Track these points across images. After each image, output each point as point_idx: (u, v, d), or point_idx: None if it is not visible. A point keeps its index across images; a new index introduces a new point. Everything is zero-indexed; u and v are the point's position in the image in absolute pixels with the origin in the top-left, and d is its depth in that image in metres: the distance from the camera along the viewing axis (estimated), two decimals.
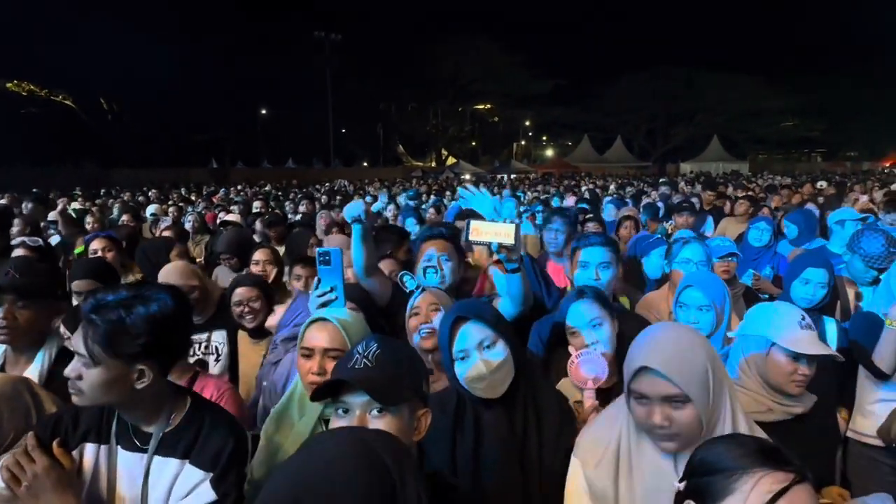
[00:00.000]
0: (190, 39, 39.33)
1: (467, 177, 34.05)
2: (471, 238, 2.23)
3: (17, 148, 25.84)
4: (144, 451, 1.47)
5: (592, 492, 1.51)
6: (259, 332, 2.95)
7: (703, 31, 48.44)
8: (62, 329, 2.50)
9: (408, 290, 2.61)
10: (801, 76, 45.26)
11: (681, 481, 1.21)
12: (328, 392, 1.30)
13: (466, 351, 1.68)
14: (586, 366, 1.93)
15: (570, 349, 2.03)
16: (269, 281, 3.52)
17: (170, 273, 2.99)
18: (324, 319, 1.77)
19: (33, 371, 2.13)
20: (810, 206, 7.24)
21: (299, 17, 44.76)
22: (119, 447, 1.47)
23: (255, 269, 3.91)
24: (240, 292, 2.90)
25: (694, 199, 8.64)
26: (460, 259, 2.80)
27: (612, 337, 2.06)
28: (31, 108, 37.22)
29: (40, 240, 4.34)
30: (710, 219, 6.89)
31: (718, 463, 1.13)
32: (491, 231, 2.20)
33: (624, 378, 1.49)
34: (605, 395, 1.95)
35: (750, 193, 10.47)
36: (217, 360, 2.97)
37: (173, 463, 1.45)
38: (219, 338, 3.00)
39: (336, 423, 1.27)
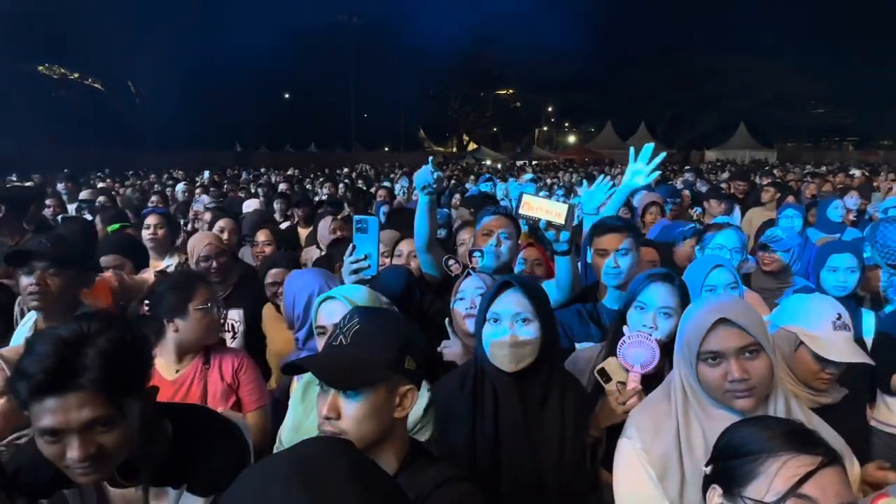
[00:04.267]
0: (215, 24, 39.41)
1: (488, 162, 33.85)
2: (521, 211, 2.20)
3: (48, 130, 26.34)
4: (135, 485, 1.32)
5: (655, 470, 1.48)
6: None
7: (730, 14, 46.84)
8: None
9: (453, 275, 2.59)
10: (832, 61, 43.74)
11: (707, 465, 1.19)
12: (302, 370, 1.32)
13: (500, 316, 1.68)
14: (637, 348, 1.87)
15: (624, 328, 1.96)
16: None
17: (201, 239, 3.10)
18: (332, 297, 1.83)
19: None
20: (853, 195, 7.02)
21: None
22: (106, 484, 1.31)
23: (255, 249, 3.98)
24: (274, 273, 2.92)
25: (721, 187, 8.45)
26: (518, 241, 2.75)
27: (673, 332, 1.91)
28: (61, 92, 37.86)
29: None
30: (737, 207, 6.73)
31: (744, 446, 1.11)
32: (543, 207, 2.16)
33: (687, 351, 1.47)
34: (647, 383, 1.92)
35: (777, 180, 10.21)
36: (234, 338, 3.03)
37: (171, 492, 1.33)
38: (235, 316, 3.07)
39: (319, 399, 1.26)
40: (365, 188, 9.38)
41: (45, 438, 1.13)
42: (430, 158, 2.67)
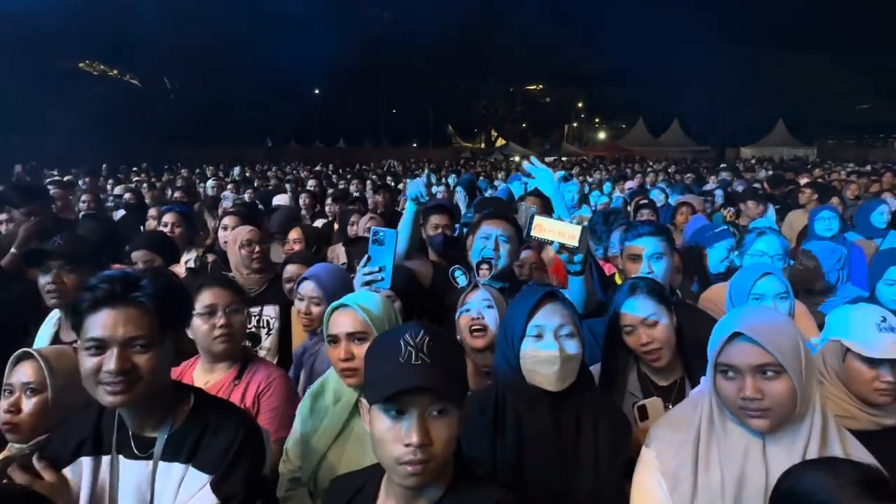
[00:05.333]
0: (247, 21, 39.95)
1: (517, 158, 33.60)
2: (533, 234, 2.15)
3: (86, 125, 27.13)
4: (148, 458, 1.40)
5: (667, 481, 1.42)
6: None
7: (768, 6, 45.33)
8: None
9: (459, 286, 2.56)
10: (876, 53, 42.00)
11: None
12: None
13: (543, 329, 1.58)
14: None
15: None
16: None
17: (242, 232, 3.17)
18: (344, 305, 1.78)
19: None
20: (887, 196, 6.73)
21: None
22: (121, 456, 1.41)
23: (285, 247, 3.99)
24: (291, 269, 2.93)
25: (756, 186, 8.19)
26: (519, 244, 2.68)
27: (670, 334, 1.92)
28: (100, 88, 38.95)
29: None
30: (771, 208, 6.49)
31: (813, 495, 1.01)
32: (555, 230, 2.12)
33: (709, 357, 1.40)
34: (667, 395, 1.86)
35: (819, 180, 9.84)
36: (269, 334, 3.03)
37: (177, 468, 1.39)
38: (271, 312, 3.07)
39: (384, 424, 1.15)
40: (393, 184, 9.39)
41: (90, 350, 1.30)
42: (427, 171, 2.65)
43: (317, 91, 49.34)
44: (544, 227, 2.14)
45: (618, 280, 2.75)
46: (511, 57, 48.89)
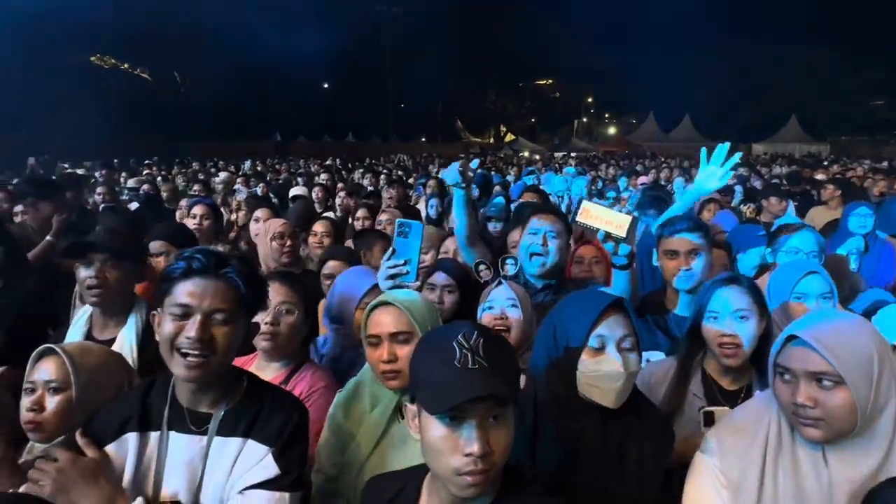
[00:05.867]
0: (256, 15, 39.93)
1: (526, 154, 33.46)
2: (579, 219, 2.06)
3: (97, 119, 27.27)
4: (202, 433, 1.42)
5: (729, 490, 1.34)
6: None
7: (780, 1, 44.77)
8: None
9: (483, 281, 2.48)
10: (889, 50, 41.39)
11: None
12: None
13: (606, 340, 1.42)
14: None
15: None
16: None
17: (275, 224, 3.19)
18: (385, 303, 1.68)
19: (128, 333, 2.16)
20: None
21: None
22: (172, 432, 1.43)
23: (312, 240, 3.92)
24: (332, 265, 2.85)
25: (776, 182, 8.05)
26: (568, 240, 2.58)
27: (755, 336, 1.80)
28: (110, 82, 39.13)
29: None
30: (791, 204, 6.36)
31: None
32: (603, 217, 2.02)
33: (769, 356, 1.32)
34: (732, 400, 1.77)
35: (838, 176, 9.68)
36: None
37: (234, 442, 1.41)
38: None
39: (439, 431, 1.09)
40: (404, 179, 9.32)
41: (174, 315, 1.36)
42: (460, 161, 2.57)
43: (325, 85, 49.33)
44: (591, 213, 2.04)
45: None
46: (520, 51, 48.63)
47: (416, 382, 1.17)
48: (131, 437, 1.43)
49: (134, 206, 5.77)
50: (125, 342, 2.15)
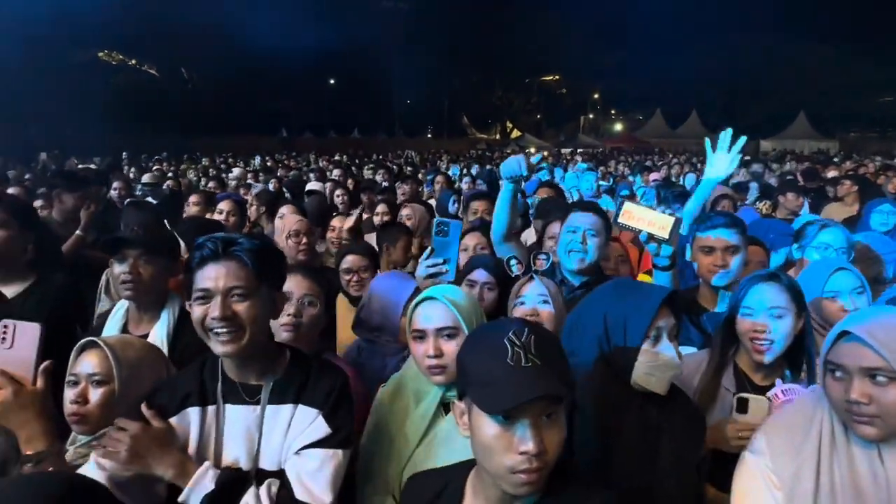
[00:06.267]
0: (263, 12, 39.93)
1: (532, 150, 33.37)
2: (621, 220, 2.05)
3: (105, 114, 27.35)
4: (254, 403, 1.50)
5: (782, 490, 1.32)
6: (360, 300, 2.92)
7: None
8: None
9: (513, 275, 2.47)
10: None
11: None
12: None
13: (661, 331, 1.46)
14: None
15: (777, 381, 1.79)
16: None
17: (293, 216, 3.19)
18: (431, 298, 1.68)
19: (161, 329, 2.17)
20: None
21: None
22: (227, 405, 1.51)
23: (331, 235, 3.92)
24: (350, 260, 2.84)
25: (792, 178, 8.00)
26: (607, 238, 2.55)
27: (789, 335, 1.80)
28: (118, 77, 39.23)
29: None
30: (805, 201, 6.31)
31: None
32: (646, 219, 2.01)
33: (821, 354, 1.31)
34: (763, 394, 1.76)
35: (850, 172, 9.60)
36: None
37: (286, 408, 1.50)
38: None
39: (492, 430, 1.09)
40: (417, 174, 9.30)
41: (199, 301, 1.45)
42: (526, 152, 2.57)
43: (332, 81, 49.29)
44: (633, 215, 2.03)
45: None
46: (526, 47, 48.46)
47: (467, 380, 1.16)
48: (192, 412, 1.50)
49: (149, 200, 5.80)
50: (157, 337, 2.15)
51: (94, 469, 1.41)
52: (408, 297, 2.12)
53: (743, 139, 2.81)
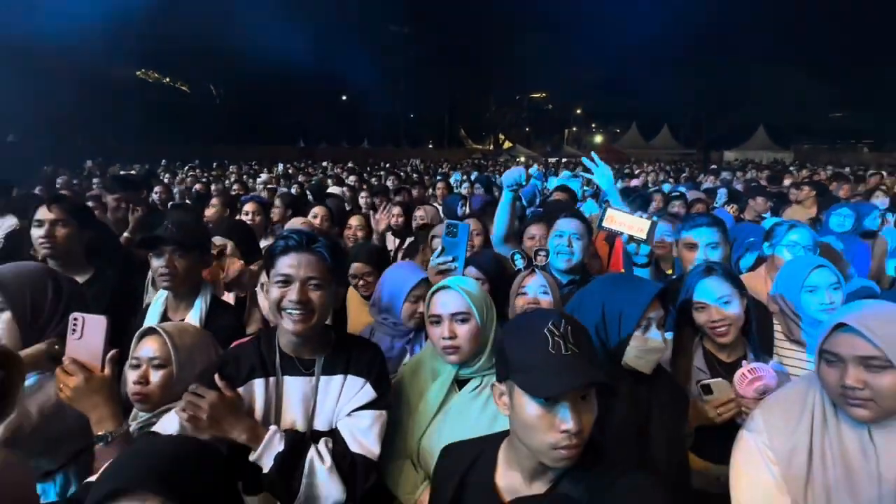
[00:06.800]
0: (283, 36, 39.80)
1: (522, 159, 33.31)
2: (604, 224, 2.10)
3: (140, 127, 27.41)
4: (310, 374, 1.57)
5: (779, 466, 1.31)
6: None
7: (750, 25, 44.44)
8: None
9: (517, 269, 2.48)
10: (846, 67, 41.17)
11: None
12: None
13: (651, 320, 1.53)
14: (757, 382, 1.71)
15: (743, 363, 1.81)
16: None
17: (297, 222, 3.19)
18: (447, 287, 1.71)
19: (195, 314, 2.18)
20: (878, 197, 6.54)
21: (376, 12, 44.62)
22: (286, 376, 1.56)
23: (348, 233, 3.90)
24: (356, 267, 2.83)
25: (762, 184, 8.00)
26: (590, 240, 2.62)
27: (740, 315, 1.86)
28: (153, 94, 39.09)
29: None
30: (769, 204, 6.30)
31: None
32: (626, 222, 2.06)
33: (814, 344, 1.30)
34: (731, 371, 1.79)
35: (815, 178, 9.63)
36: None
37: (337, 379, 1.57)
38: None
39: (535, 410, 1.08)
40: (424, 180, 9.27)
41: (278, 283, 1.51)
42: (526, 163, 2.60)
43: (343, 97, 49.24)
44: (615, 219, 2.08)
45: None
46: (517, 68, 48.44)
47: (509, 366, 1.16)
48: (257, 383, 1.55)
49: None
50: (192, 322, 2.16)
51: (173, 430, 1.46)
52: (412, 286, 2.13)
53: (597, 159, 2.80)
